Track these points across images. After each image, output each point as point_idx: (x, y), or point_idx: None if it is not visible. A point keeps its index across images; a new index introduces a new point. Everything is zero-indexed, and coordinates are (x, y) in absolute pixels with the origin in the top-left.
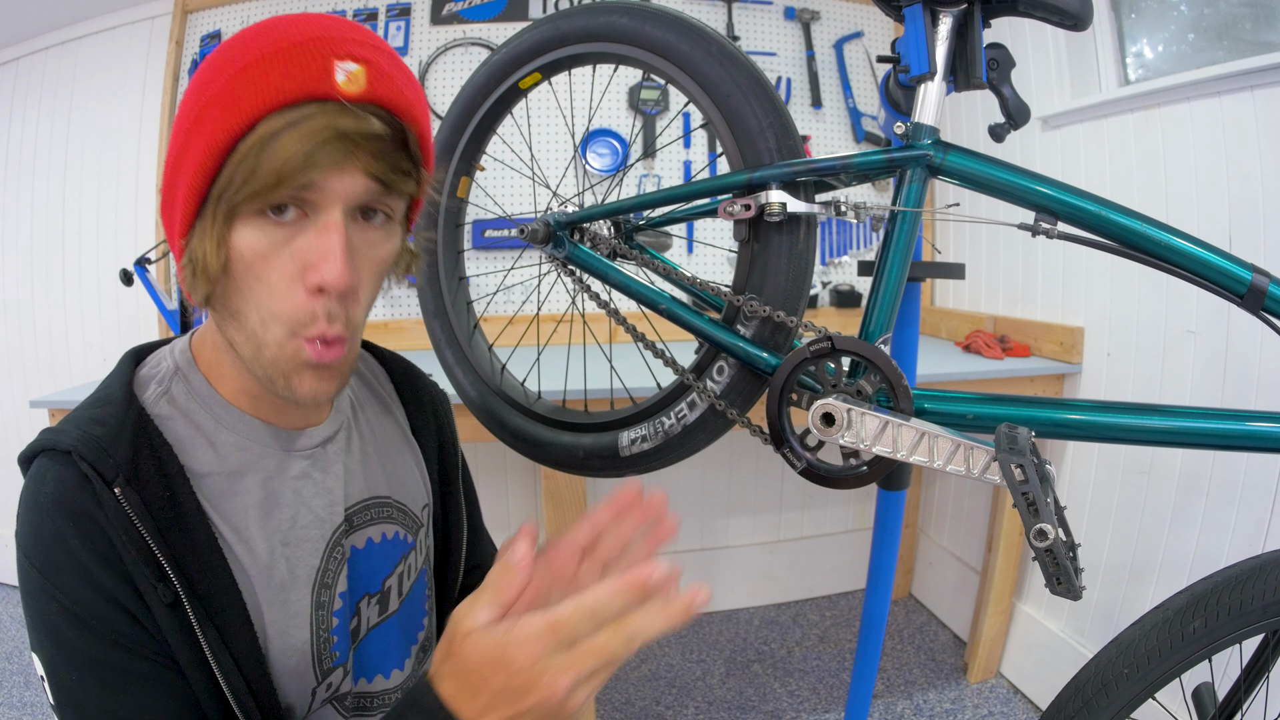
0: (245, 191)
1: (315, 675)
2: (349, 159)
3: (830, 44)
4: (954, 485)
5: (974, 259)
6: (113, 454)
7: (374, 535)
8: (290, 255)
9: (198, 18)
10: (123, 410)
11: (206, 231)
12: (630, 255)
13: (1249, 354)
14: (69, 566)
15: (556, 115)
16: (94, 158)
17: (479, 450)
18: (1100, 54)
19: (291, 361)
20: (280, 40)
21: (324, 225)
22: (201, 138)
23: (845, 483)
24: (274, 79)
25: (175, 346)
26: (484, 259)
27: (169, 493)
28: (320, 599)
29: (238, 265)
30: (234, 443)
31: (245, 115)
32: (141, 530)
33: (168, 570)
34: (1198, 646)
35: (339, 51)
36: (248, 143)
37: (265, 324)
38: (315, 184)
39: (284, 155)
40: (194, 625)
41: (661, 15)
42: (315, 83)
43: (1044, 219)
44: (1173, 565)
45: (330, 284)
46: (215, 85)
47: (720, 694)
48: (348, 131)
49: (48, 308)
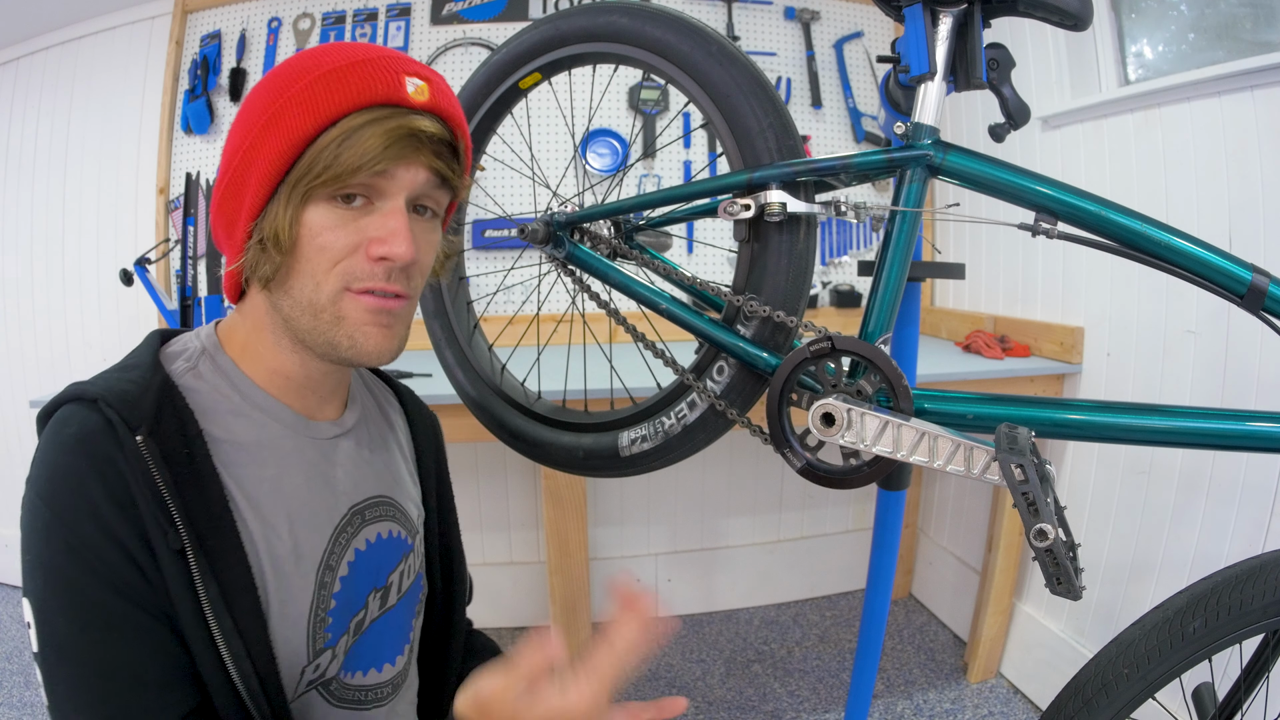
0: (327, 175)
1: (307, 653)
2: (416, 154)
3: (830, 44)
4: (954, 485)
5: (974, 259)
6: (138, 406)
7: (382, 531)
8: (355, 230)
9: (198, 18)
10: (149, 373)
11: (280, 211)
12: (630, 255)
13: (1249, 354)
14: (81, 506)
15: (556, 115)
16: (94, 158)
17: (479, 450)
18: (1100, 54)
19: (351, 317)
20: (354, 55)
21: (389, 210)
22: (280, 133)
23: (845, 483)
24: (354, 85)
25: (201, 332)
26: (484, 259)
27: (187, 452)
28: (323, 579)
29: (304, 239)
30: (256, 420)
31: (327, 113)
32: (157, 478)
33: (177, 520)
34: (1198, 646)
35: (407, 69)
36: (331, 134)
37: (319, 286)
38: (387, 172)
39: (364, 147)
40: (195, 579)
41: (661, 15)
42: (390, 90)
43: (1044, 219)
44: (1173, 565)
45: (398, 256)
46: (293, 89)
47: (720, 694)
48: (418, 131)
49: (48, 308)
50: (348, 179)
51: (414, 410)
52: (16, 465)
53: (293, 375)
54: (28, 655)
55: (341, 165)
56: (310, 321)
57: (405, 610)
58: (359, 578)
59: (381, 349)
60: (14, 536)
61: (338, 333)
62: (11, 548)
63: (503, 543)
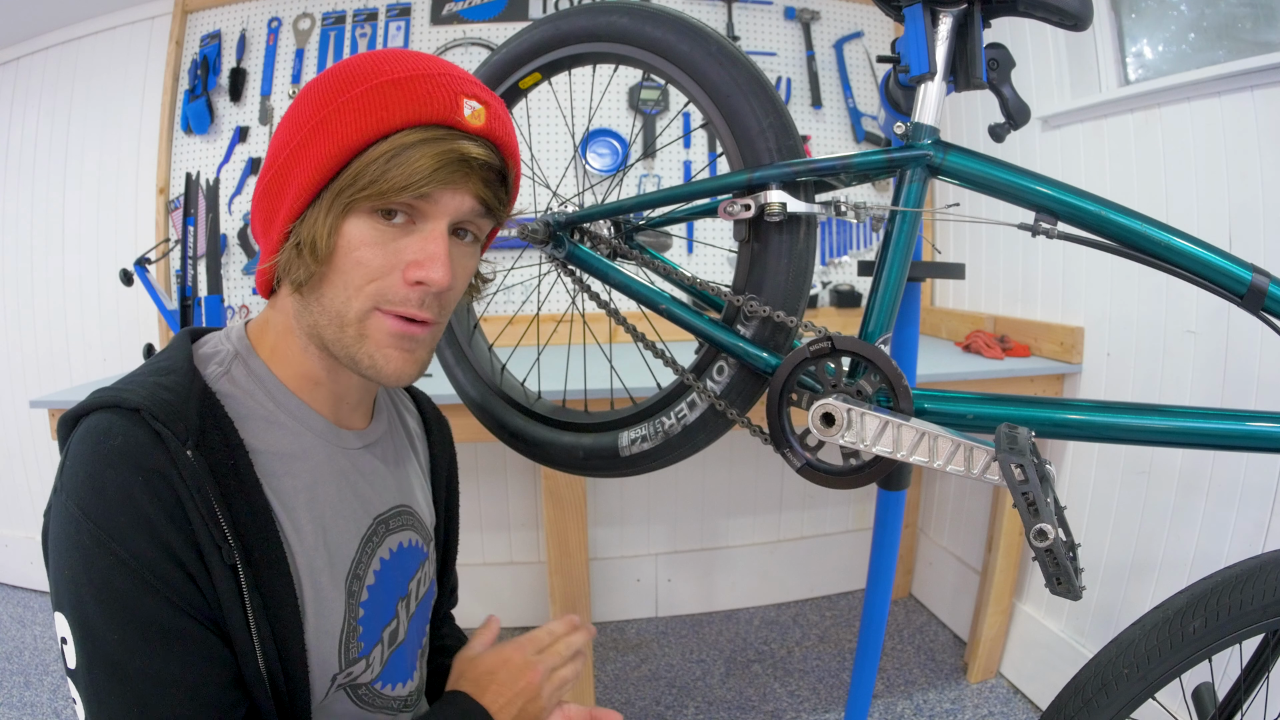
0: (372, 189)
1: (339, 662)
2: (465, 180)
3: (830, 44)
4: (954, 485)
5: (974, 259)
6: (183, 418)
7: (403, 541)
8: (395, 251)
9: (198, 18)
10: (188, 380)
11: (320, 218)
12: (630, 255)
13: (1249, 354)
14: (132, 521)
15: (556, 115)
16: (94, 158)
17: (479, 450)
18: (1100, 54)
19: (375, 337)
20: (415, 68)
21: (430, 232)
22: (330, 139)
23: (845, 483)
24: (410, 100)
25: (232, 332)
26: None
27: (232, 463)
28: (352, 588)
29: (341, 251)
30: (289, 428)
31: (381, 124)
32: (210, 491)
33: (228, 534)
34: (1198, 646)
35: (466, 90)
36: (380, 148)
37: (350, 300)
38: (432, 195)
39: (413, 166)
40: (244, 590)
41: (661, 15)
42: (447, 111)
43: (1044, 219)
44: (1173, 565)
45: (435, 282)
46: (348, 94)
47: (720, 694)
48: (469, 156)
49: (48, 308)
50: (392, 197)
51: (431, 418)
52: (16, 465)
53: (321, 381)
54: (28, 656)
55: (388, 182)
56: (335, 333)
57: (421, 618)
58: (385, 587)
59: (401, 372)
60: (13, 536)
61: (359, 350)
62: (11, 547)
63: (503, 543)
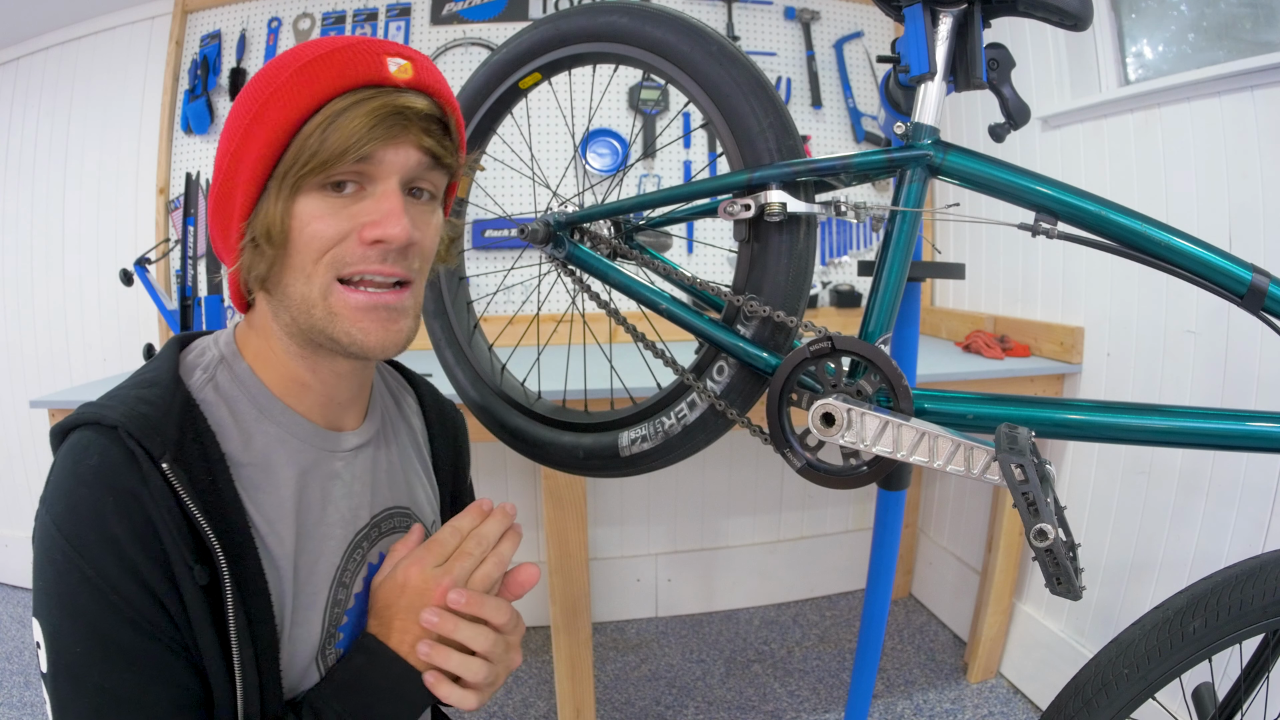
0: (314, 162)
1: (318, 669)
2: (404, 132)
3: (830, 44)
4: (954, 485)
5: (974, 259)
6: (160, 432)
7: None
8: (347, 216)
9: (198, 18)
10: (170, 392)
11: (270, 206)
12: (630, 255)
13: (1249, 354)
14: (101, 540)
15: (556, 115)
16: (94, 158)
17: (479, 450)
18: (1100, 54)
19: (345, 310)
20: (334, 43)
21: (381, 193)
22: (265, 127)
23: (845, 483)
24: (334, 70)
25: (220, 337)
26: (484, 259)
27: (210, 477)
28: (336, 597)
29: (295, 231)
30: (274, 434)
31: (309, 100)
32: (183, 507)
33: (208, 550)
34: (1198, 646)
35: (388, 50)
36: (313, 122)
37: (310, 278)
38: (374, 155)
39: (349, 128)
40: (228, 609)
41: (661, 15)
42: (371, 71)
43: (1044, 219)
44: (1173, 565)
45: (394, 238)
46: (275, 82)
47: (720, 694)
48: (402, 108)
49: (48, 308)
50: (335, 164)
51: (432, 410)
52: (16, 465)
53: (308, 383)
54: (28, 656)
55: (328, 150)
56: (307, 318)
57: None
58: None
59: (384, 343)
60: (13, 536)
61: (335, 328)
62: (11, 547)
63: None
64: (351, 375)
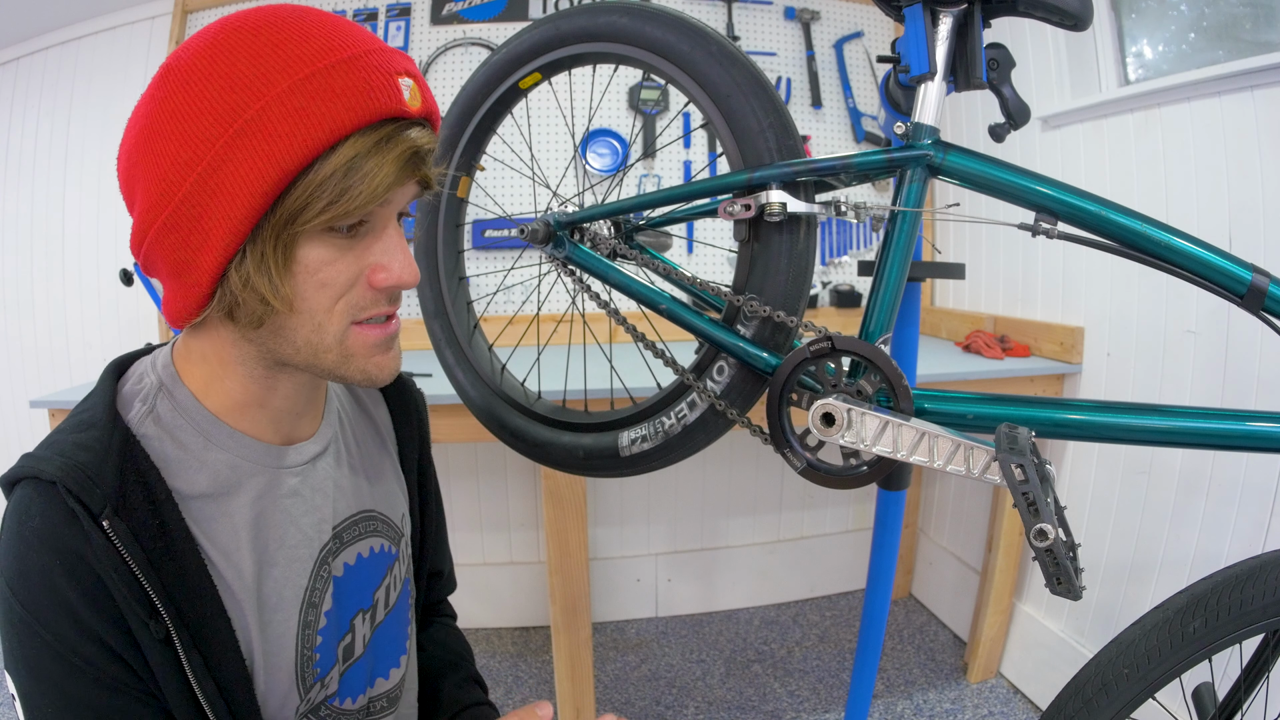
0: (333, 210)
1: (299, 692)
2: (416, 172)
3: (830, 44)
4: (954, 485)
5: (974, 259)
6: (99, 483)
7: (363, 550)
8: (354, 260)
9: (198, 18)
10: (108, 434)
11: (268, 255)
12: (630, 255)
13: (1249, 354)
14: (54, 605)
15: (556, 115)
16: (94, 158)
17: (479, 450)
18: (1100, 54)
19: (359, 352)
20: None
21: (384, 231)
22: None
23: (845, 483)
24: (349, 95)
25: (157, 360)
26: (484, 259)
27: (158, 520)
28: (307, 619)
29: (301, 279)
30: (223, 461)
31: (325, 134)
32: (131, 565)
33: (158, 605)
34: (1198, 646)
35: (396, 66)
36: (331, 162)
37: (323, 327)
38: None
39: (378, 179)
40: (180, 655)
41: (661, 15)
42: (389, 101)
43: (1044, 219)
44: (1173, 565)
45: (408, 284)
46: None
47: (720, 694)
48: (421, 149)
49: (48, 308)
50: (357, 214)
51: (393, 396)
52: None
53: (265, 403)
54: None
55: (352, 201)
56: (310, 360)
57: (397, 621)
58: (342, 606)
59: (393, 370)
60: None
61: (347, 369)
62: None
63: (503, 543)
64: (311, 384)
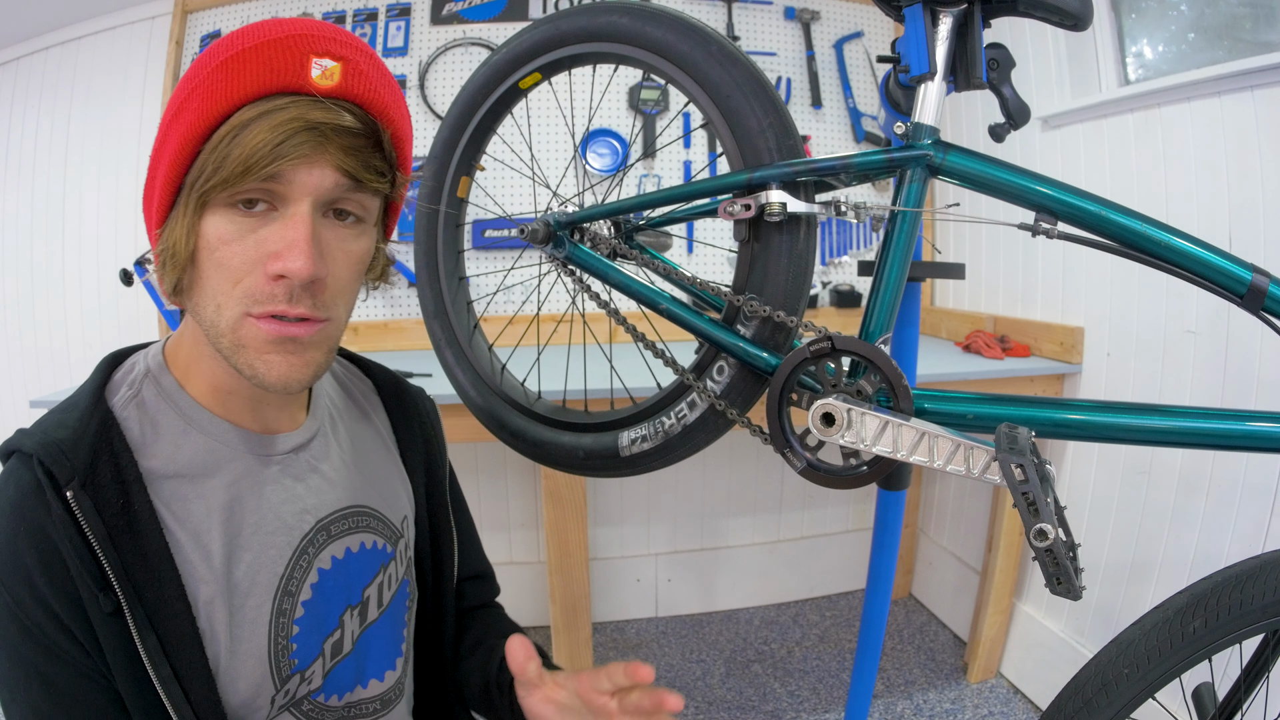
0: (215, 179)
1: (274, 682)
2: (319, 151)
3: (830, 44)
4: (954, 485)
5: (974, 259)
6: (71, 457)
7: (352, 545)
8: (255, 243)
9: (198, 18)
10: (88, 413)
11: (179, 220)
12: (630, 255)
13: (1249, 354)
14: (15, 570)
15: (556, 115)
16: (94, 158)
17: (479, 450)
18: (1100, 54)
19: (251, 345)
20: (260, 37)
21: (290, 217)
22: (179, 129)
23: (845, 483)
24: (250, 72)
25: (150, 351)
26: (484, 259)
27: (124, 498)
28: (282, 606)
29: (203, 252)
30: (201, 445)
31: (221, 106)
32: (90, 537)
33: (111, 578)
34: (1198, 646)
35: (317, 49)
36: (220, 132)
37: (220, 308)
38: (283, 175)
39: (253, 144)
40: (133, 633)
41: (661, 15)
42: (290, 76)
43: (1044, 219)
44: (1173, 565)
45: (293, 273)
46: (196, 79)
47: (720, 694)
48: (318, 123)
49: (48, 308)
50: (238, 182)
51: (391, 399)
52: None
53: (236, 389)
54: None
55: (229, 167)
56: (215, 340)
57: (392, 622)
58: (327, 597)
59: (287, 378)
60: None
61: (238, 359)
62: None
63: (503, 543)
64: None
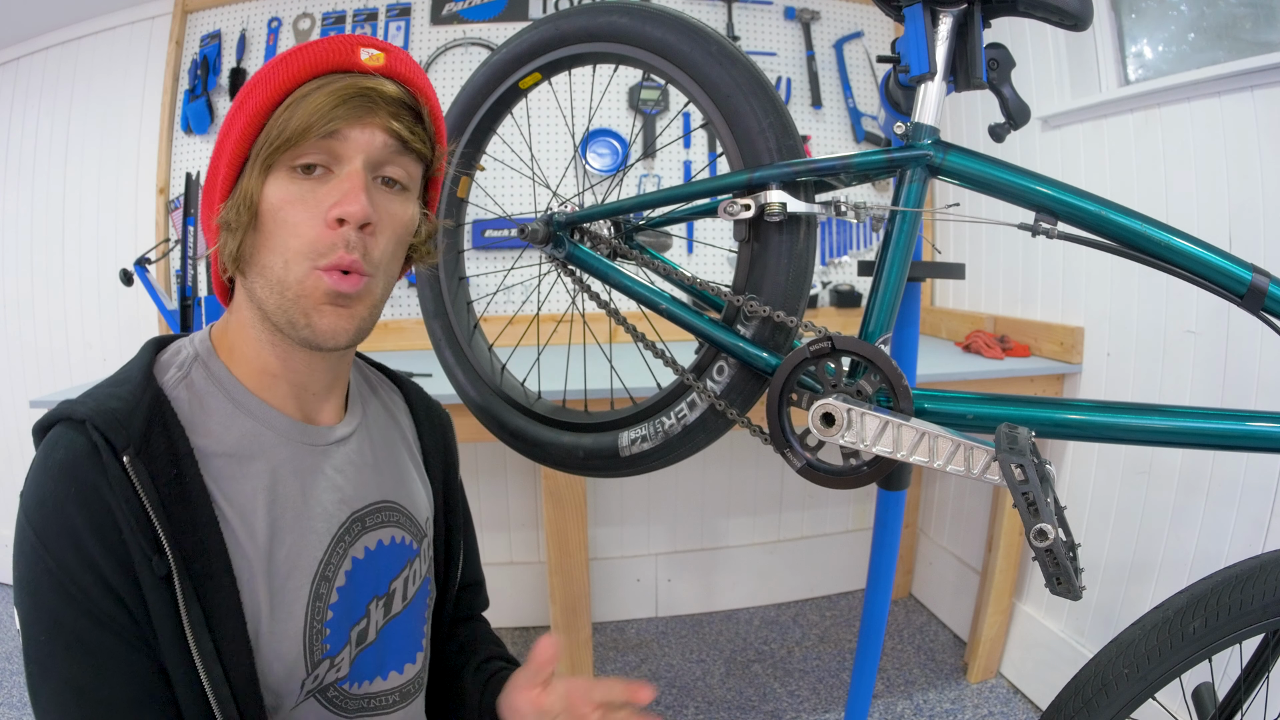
0: (279, 141)
1: (306, 665)
2: (370, 114)
3: (830, 44)
4: (954, 485)
5: (974, 259)
6: (126, 426)
7: (383, 538)
8: (316, 200)
9: (198, 18)
10: (141, 388)
11: (245, 183)
12: (630, 255)
13: (1249, 354)
14: (62, 532)
15: (556, 115)
16: (94, 158)
17: (479, 450)
18: (1100, 54)
19: (312, 296)
20: (313, 41)
21: (345, 174)
22: (244, 113)
23: (845, 483)
24: (308, 59)
25: (195, 336)
26: (484, 259)
27: (176, 470)
28: (319, 590)
29: (267, 213)
30: (248, 428)
31: (283, 86)
32: (145, 501)
33: (164, 543)
34: (1198, 646)
35: (364, 43)
36: (283, 105)
37: (289, 264)
38: (339, 133)
39: (312, 106)
40: (179, 603)
41: (661, 15)
42: (341, 58)
43: (1044, 219)
44: (1173, 565)
45: (351, 215)
46: (258, 76)
47: (720, 694)
48: (368, 90)
49: (48, 307)
50: (300, 141)
51: (419, 408)
52: (16, 464)
53: (279, 373)
54: None
55: (293, 127)
56: (277, 299)
57: (413, 617)
58: (358, 586)
59: (336, 329)
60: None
61: (296, 310)
62: (10, 547)
63: (503, 543)
64: (324, 367)
